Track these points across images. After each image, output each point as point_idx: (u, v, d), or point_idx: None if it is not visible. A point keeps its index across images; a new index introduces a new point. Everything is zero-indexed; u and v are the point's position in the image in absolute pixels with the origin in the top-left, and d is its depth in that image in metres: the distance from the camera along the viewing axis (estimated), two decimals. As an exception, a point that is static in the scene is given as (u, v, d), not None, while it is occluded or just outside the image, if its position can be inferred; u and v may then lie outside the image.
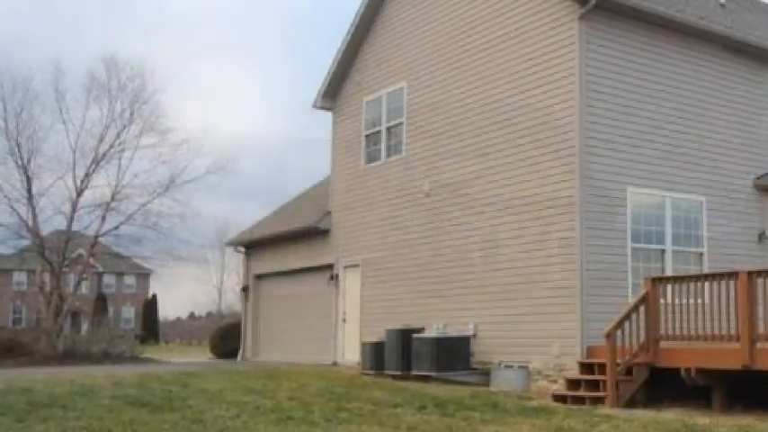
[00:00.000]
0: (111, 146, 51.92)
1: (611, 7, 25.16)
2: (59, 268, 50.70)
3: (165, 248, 56.70)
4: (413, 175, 31.08)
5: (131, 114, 52.94)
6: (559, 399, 21.68)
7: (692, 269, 25.83)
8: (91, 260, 60.96)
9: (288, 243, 39.24)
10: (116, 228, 52.90)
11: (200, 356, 50.87)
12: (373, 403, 19.82)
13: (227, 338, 47.48)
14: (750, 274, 19.36)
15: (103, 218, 51.85)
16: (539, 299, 25.09)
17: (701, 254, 26.58)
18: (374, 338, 28.99)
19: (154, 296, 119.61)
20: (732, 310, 19.46)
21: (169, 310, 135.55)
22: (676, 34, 26.87)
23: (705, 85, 27.54)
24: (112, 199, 51.88)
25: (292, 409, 18.52)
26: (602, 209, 24.55)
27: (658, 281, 21.83)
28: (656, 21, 26.20)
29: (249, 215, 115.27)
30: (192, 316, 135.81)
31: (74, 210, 50.99)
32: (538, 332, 24.97)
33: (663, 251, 25.79)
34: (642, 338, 21.19)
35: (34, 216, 50.38)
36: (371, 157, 33.88)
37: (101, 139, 51.70)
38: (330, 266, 35.52)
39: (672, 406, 20.32)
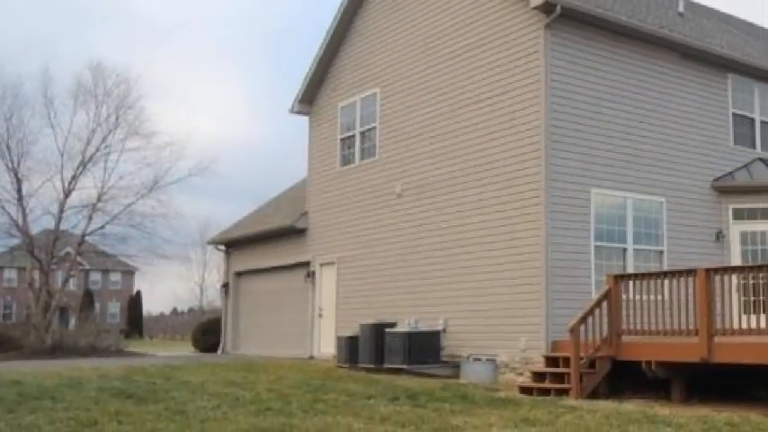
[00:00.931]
0: (98, 149, 52.04)
1: (575, 16, 25.18)
2: (48, 266, 50.70)
3: (149, 247, 56.79)
4: (386, 176, 31.04)
5: (117, 119, 53.18)
6: (525, 390, 21.61)
7: (653, 267, 25.83)
8: (78, 258, 60.94)
9: (266, 242, 39.22)
10: (102, 227, 52.99)
11: (183, 350, 50.83)
12: (348, 395, 19.83)
13: (208, 333, 47.37)
14: (708, 271, 19.38)
15: (90, 218, 51.97)
16: (506, 295, 25.06)
17: (661, 252, 26.58)
18: (349, 333, 28.97)
19: (138, 292, 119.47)
20: (691, 305, 19.49)
21: (153, 305, 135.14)
22: (638, 42, 26.91)
23: (665, 91, 27.57)
24: (99, 200, 51.96)
25: (271, 400, 18.56)
26: (567, 209, 24.54)
27: (620, 278, 21.80)
28: (619, 29, 26.23)
29: (230, 215, 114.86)
30: (174, 311, 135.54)
31: (62, 210, 51.01)
32: (505, 327, 24.93)
33: (624, 249, 25.78)
34: (605, 333, 21.17)
35: (24, 216, 50.44)
36: (346, 160, 33.83)
37: (87, 143, 51.83)
38: (307, 264, 35.47)
39: (633, 397, 20.34)
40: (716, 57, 28.68)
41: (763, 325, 18.36)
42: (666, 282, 20.60)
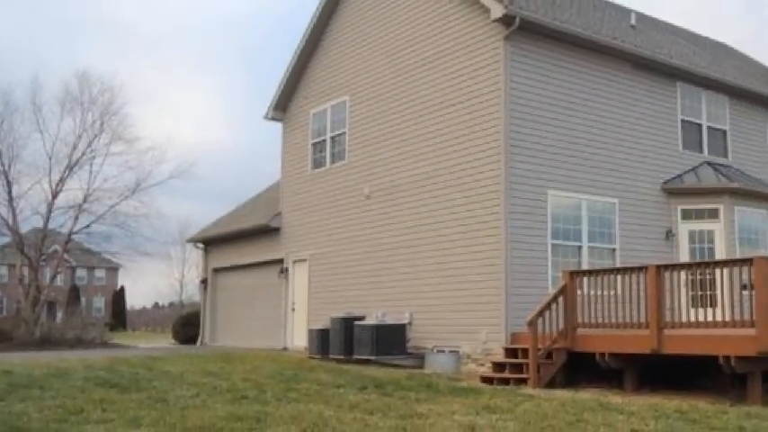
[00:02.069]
0: (84, 153, 51.93)
1: (533, 28, 25.13)
2: (37, 263, 50.69)
3: (132, 245, 56.91)
4: (355, 179, 30.97)
5: (102, 125, 53.09)
6: (486, 380, 21.60)
7: (606, 263, 25.82)
8: (65, 255, 60.67)
9: (243, 240, 39.17)
10: (88, 226, 52.92)
11: (164, 342, 50.61)
12: (319, 384, 19.83)
13: (187, 326, 47.06)
14: (658, 267, 19.38)
15: (76, 218, 51.82)
16: (468, 290, 25.03)
17: (614, 250, 26.54)
18: (320, 326, 28.88)
19: (122, 288, 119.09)
20: (642, 300, 19.49)
21: (136, 300, 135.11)
22: (592, 52, 26.92)
23: (618, 98, 27.59)
24: (84, 201, 51.85)
25: (246, 389, 18.61)
26: (525, 210, 24.47)
27: (576, 274, 21.78)
28: (574, 40, 26.23)
29: (208, 215, 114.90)
30: (156, 306, 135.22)
31: (49, 210, 50.94)
32: (467, 320, 24.91)
33: (580, 247, 25.74)
34: (561, 326, 21.16)
35: (14, 216, 50.30)
36: (317, 164, 33.76)
37: (74, 147, 51.71)
38: (280, 261, 35.41)
39: (588, 387, 20.35)
40: (665, 66, 28.75)
41: (709, 318, 18.36)
42: (619, 278, 20.58)
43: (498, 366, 22.26)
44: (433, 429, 13.36)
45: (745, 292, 17.71)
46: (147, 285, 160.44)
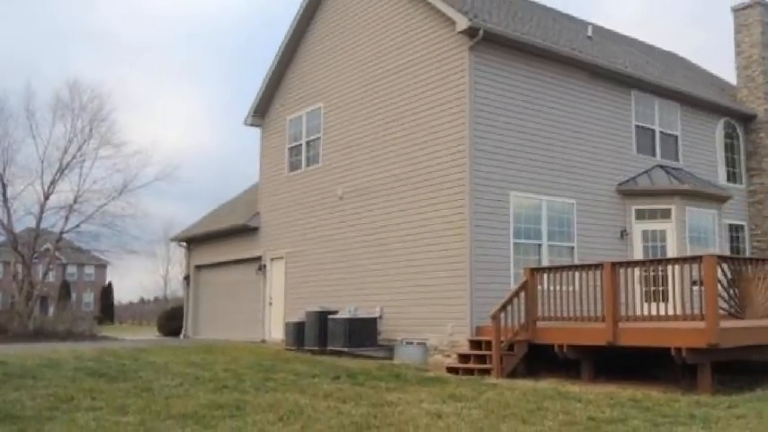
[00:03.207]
0: (74, 157, 51.93)
1: (496, 40, 25.09)
2: (30, 260, 50.68)
3: (119, 243, 57.02)
4: (329, 181, 30.88)
5: (91, 130, 53.13)
6: (452, 370, 21.66)
7: (565, 261, 25.81)
8: (56, 253, 60.43)
9: (223, 239, 39.03)
10: (77, 226, 52.95)
11: (149, 335, 50.33)
12: (295, 374, 19.88)
13: (171, 319, 46.90)
14: (613, 264, 19.37)
15: (67, 218, 51.81)
16: (435, 286, 24.96)
17: (572, 248, 26.52)
18: (296, 319, 28.81)
19: (110, 284, 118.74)
20: (598, 295, 19.49)
21: (123, 295, 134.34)
22: (552, 62, 26.90)
23: (576, 105, 27.57)
24: (75, 202, 51.85)
25: (227, 379, 18.75)
26: (489, 210, 24.43)
27: (536, 270, 21.73)
28: (535, 51, 26.20)
29: (191, 215, 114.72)
30: (142, 300, 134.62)
31: (42, 211, 50.91)
32: (434, 314, 24.85)
33: (540, 245, 25.68)
34: (522, 319, 21.14)
35: (8, 216, 50.36)
36: (294, 167, 33.64)
37: (65, 151, 51.72)
38: (259, 258, 35.32)
39: (547, 376, 20.32)
40: (621, 75, 28.77)
41: (662, 312, 18.32)
42: (577, 274, 20.52)
43: (463, 357, 22.28)
44: (402, 417, 13.36)
45: (695, 288, 17.73)
46: (133, 281, 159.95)
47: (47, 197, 50.86)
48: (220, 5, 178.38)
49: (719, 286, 17.43)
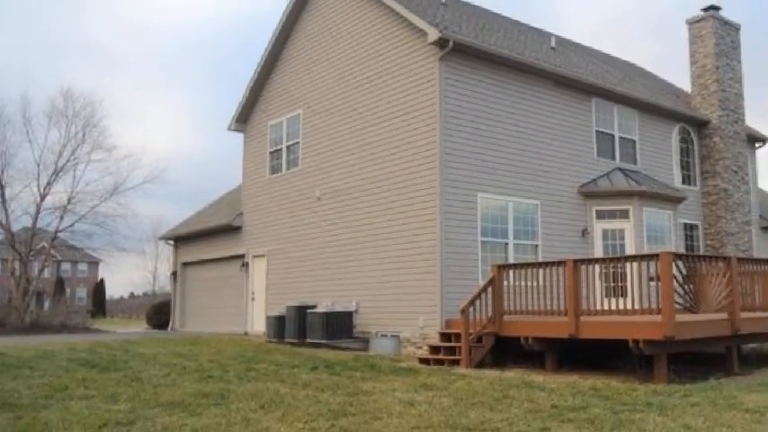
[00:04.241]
0: (68, 160, 51.54)
1: (465, 50, 25.07)
2: (27, 257, 50.36)
3: (110, 242, 56.67)
4: (307, 183, 30.81)
5: (84, 135, 52.70)
6: (424, 361, 21.61)
7: (530, 258, 25.85)
8: (52, 251, 59.99)
9: (208, 237, 38.95)
10: (72, 225, 52.54)
11: (139, 328, 50.35)
12: (276, 365, 19.97)
13: (159, 313, 46.86)
14: (575, 262, 19.32)
15: (61, 217, 51.49)
16: (408, 282, 24.93)
17: (537, 246, 26.48)
18: (277, 313, 28.87)
19: (102, 280, 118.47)
20: (561, 290, 19.43)
21: (114, 290, 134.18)
22: (518, 72, 26.89)
23: (540, 112, 27.56)
24: (69, 202, 51.54)
25: (212, 369, 18.85)
26: (458, 210, 24.41)
27: (503, 267, 21.64)
28: (501, 61, 26.18)
29: (178, 215, 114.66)
30: (132, 295, 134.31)
31: (38, 211, 50.62)
32: (407, 308, 24.84)
33: (506, 244, 25.64)
34: (490, 313, 21.05)
35: (6, 216, 50.05)
36: (274, 170, 33.57)
37: (59, 155, 51.34)
38: (242, 256, 35.25)
39: (513, 367, 20.35)
40: (582, 84, 28.80)
41: (621, 306, 18.30)
42: (541, 271, 20.47)
43: (434, 349, 22.26)
44: (377, 405, 13.36)
45: (652, 284, 17.72)
46: (124, 277, 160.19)
47: (43, 198, 50.66)
48: (205, 19, 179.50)
49: (675, 282, 17.43)
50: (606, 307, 18.83)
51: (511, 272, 21.42)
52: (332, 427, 11.34)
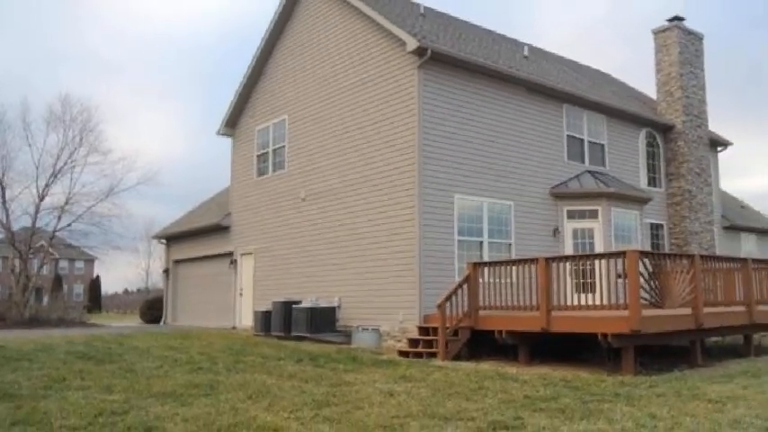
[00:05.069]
0: (65, 163, 51.30)
1: (442, 59, 25.05)
2: (26, 255, 50.19)
3: (106, 241, 56.31)
4: (293, 185, 30.79)
5: (80, 140, 52.47)
6: (403, 354, 21.51)
7: (503, 256, 25.84)
8: (50, 249, 59.73)
9: (198, 236, 38.91)
10: (69, 225, 52.34)
11: (133, 322, 50.23)
12: (263, 357, 19.94)
13: (152, 308, 46.72)
14: (547, 260, 19.30)
15: (59, 217, 51.29)
16: (388, 278, 24.93)
17: (510, 244, 26.46)
18: (264, 308, 28.81)
19: (97, 276, 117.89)
20: (534, 286, 19.42)
21: (109, 286, 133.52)
22: (492, 79, 26.88)
23: (513, 117, 27.57)
24: (66, 203, 51.28)
25: (202, 361, 18.81)
26: (436, 211, 24.42)
27: (478, 265, 21.61)
28: (477, 69, 26.18)
29: (170, 215, 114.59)
30: (126, 291, 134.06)
31: (37, 211, 50.35)
32: (387, 303, 24.84)
33: (481, 242, 25.62)
34: (466, 308, 21.04)
35: (7, 216, 49.85)
36: (261, 172, 33.54)
37: (57, 158, 51.11)
38: (230, 254, 35.20)
39: (488, 359, 20.34)
40: (553, 90, 28.81)
41: (590, 302, 18.36)
42: (514, 268, 20.45)
43: (413, 342, 22.22)
44: (358, 395, 13.38)
45: (620, 280, 17.76)
46: (118, 274, 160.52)
47: (41, 199, 50.41)
48: (196, 30, 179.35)
49: (641, 279, 17.43)
50: (576, 302, 18.85)
51: (486, 269, 21.40)
52: (316, 416, 11.34)
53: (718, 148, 38.66)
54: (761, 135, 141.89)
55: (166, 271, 43.06)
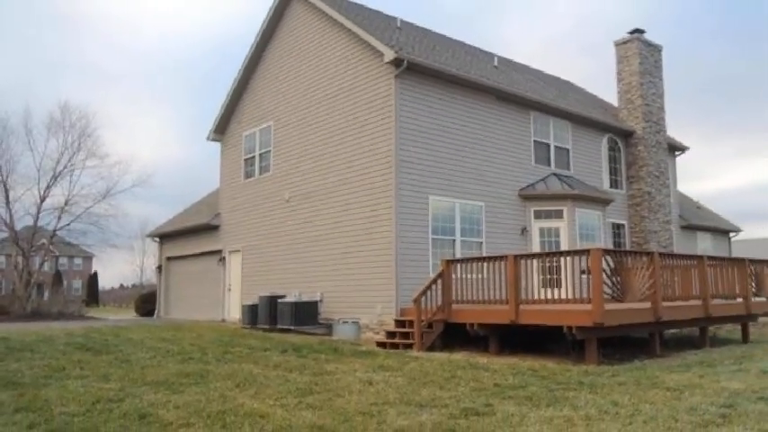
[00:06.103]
0: (65, 167, 51.39)
1: (418, 69, 25.07)
2: (28, 253, 50.32)
3: (103, 239, 56.61)
4: (278, 187, 30.71)
5: (79, 144, 52.56)
6: (381, 345, 21.49)
7: (475, 253, 25.83)
8: (51, 247, 59.62)
9: (190, 235, 38.74)
10: (68, 224, 52.55)
11: (128, 315, 50.15)
12: (250, 348, 19.86)
13: (147, 302, 46.66)
14: (516, 257, 19.31)
15: (59, 217, 51.45)
16: (366, 274, 24.91)
17: (481, 243, 26.46)
18: (251, 302, 28.79)
19: (95, 272, 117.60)
20: (503, 282, 19.38)
21: (106, 282, 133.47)
22: (464, 88, 26.89)
23: (484, 123, 27.55)
24: (66, 204, 51.44)
25: (192, 352, 18.79)
26: (411, 211, 24.43)
27: (451, 262, 21.58)
28: (450, 78, 26.17)
29: (163, 215, 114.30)
30: (122, 286, 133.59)
31: (38, 212, 50.50)
32: (366, 297, 24.83)
33: (454, 241, 25.62)
34: (440, 302, 21.04)
35: (11, 216, 49.85)
36: (248, 175, 33.44)
37: (57, 162, 51.21)
38: (219, 251, 35.10)
39: (461, 350, 20.30)
40: (521, 98, 28.82)
41: (556, 296, 18.34)
42: (485, 264, 20.41)
43: (390, 334, 22.23)
44: (339, 384, 13.38)
45: (584, 276, 17.77)
46: (114, 270, 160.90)
47: (42, 200, 50.53)
48: (188, 41, 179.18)
49: (604, 275, 17.46)
50: (543, 296, 18.84)
51: (458, 266, 21.37)
52: (299, 403, 11.33)
53: (676, 153, 38.77)
54: (716, 140, 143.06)
55: (159, 267, 42.86)
